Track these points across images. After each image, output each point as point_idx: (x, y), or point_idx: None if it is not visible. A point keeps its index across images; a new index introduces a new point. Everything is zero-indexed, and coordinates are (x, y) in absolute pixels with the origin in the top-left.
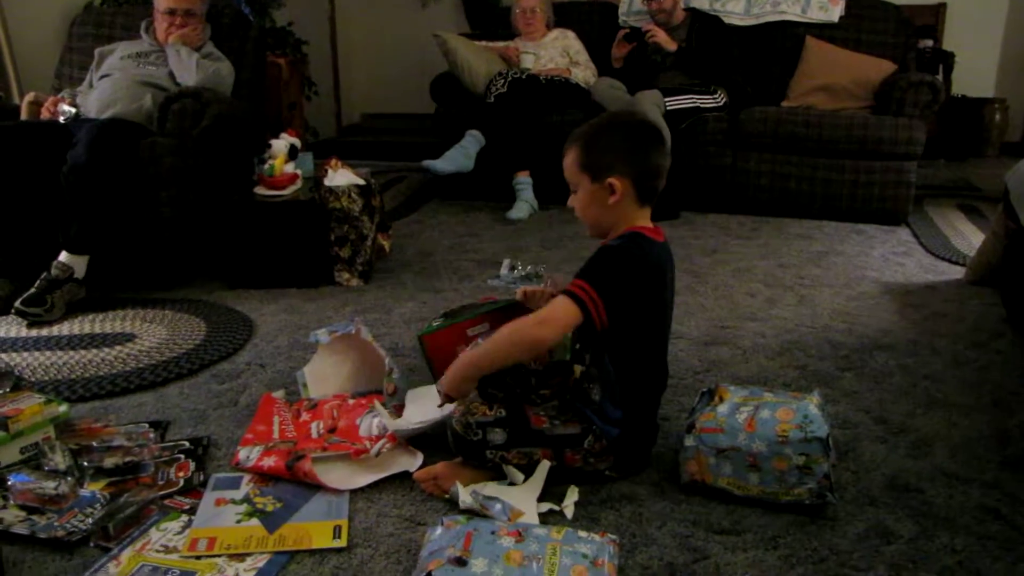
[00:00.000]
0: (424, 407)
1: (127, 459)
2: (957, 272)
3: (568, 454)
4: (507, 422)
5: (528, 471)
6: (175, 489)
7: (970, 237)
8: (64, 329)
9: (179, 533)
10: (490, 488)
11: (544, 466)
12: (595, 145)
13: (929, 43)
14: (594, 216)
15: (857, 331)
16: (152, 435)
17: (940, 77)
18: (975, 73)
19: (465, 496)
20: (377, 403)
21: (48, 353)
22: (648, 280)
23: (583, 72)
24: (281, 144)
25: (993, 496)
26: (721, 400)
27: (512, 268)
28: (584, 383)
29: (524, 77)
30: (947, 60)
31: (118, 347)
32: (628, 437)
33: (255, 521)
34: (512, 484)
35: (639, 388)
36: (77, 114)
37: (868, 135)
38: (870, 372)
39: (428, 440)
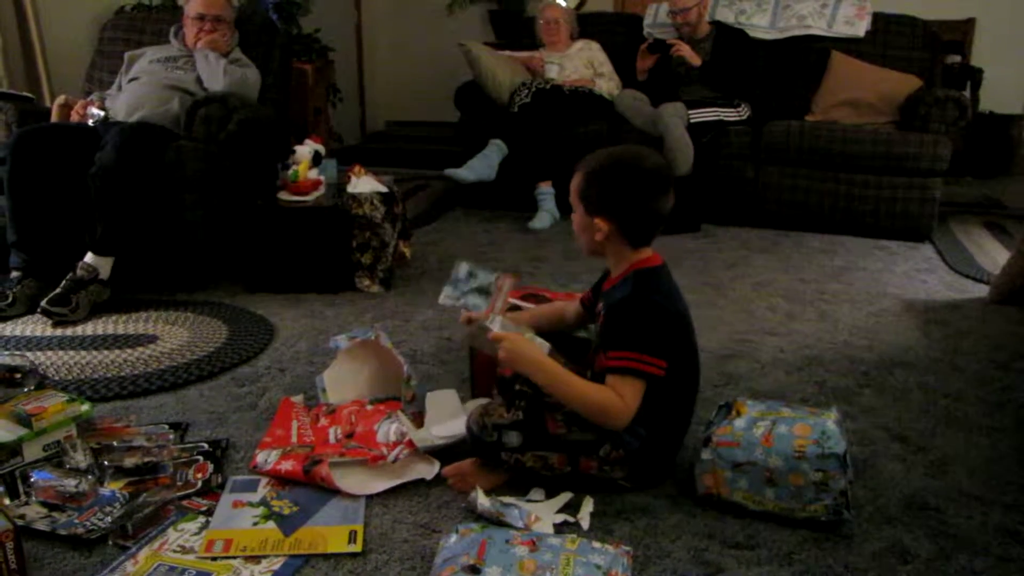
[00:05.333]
0: (447, 421)
1: (147, 459)
2: (981, 290)
3: (583, 461)
4: (523, 425)
5: (543, 474)
6: (193, 490)
7: (995, 255)
8: (88, 329)
9: (196, 534)
10: (509, 498)
11: (565, 496)
12: (595, 180)
13: (957, 59)
14: (586, 242)
15: (877, 348)
16: (172, 436)
17: (967, 93)
18: (1003, 90)
19: (484, 501)
20: (399, 411)
21: (72, 352)
22: (672, 327)
23: (607, 83)
24: (305, 150)
25: (1014, 518)
26: (738, 414)
27: (470, 275)
28: None
29: (548, 87)
30: (975, 76)
31: (140, 348)
32: (648, 451)
33: (271, 524)
34: (532, 501)
35: (666, 416)
36: (106, 117)
37: (892, 151)
38: (890, 389)
39: (446, 448)
